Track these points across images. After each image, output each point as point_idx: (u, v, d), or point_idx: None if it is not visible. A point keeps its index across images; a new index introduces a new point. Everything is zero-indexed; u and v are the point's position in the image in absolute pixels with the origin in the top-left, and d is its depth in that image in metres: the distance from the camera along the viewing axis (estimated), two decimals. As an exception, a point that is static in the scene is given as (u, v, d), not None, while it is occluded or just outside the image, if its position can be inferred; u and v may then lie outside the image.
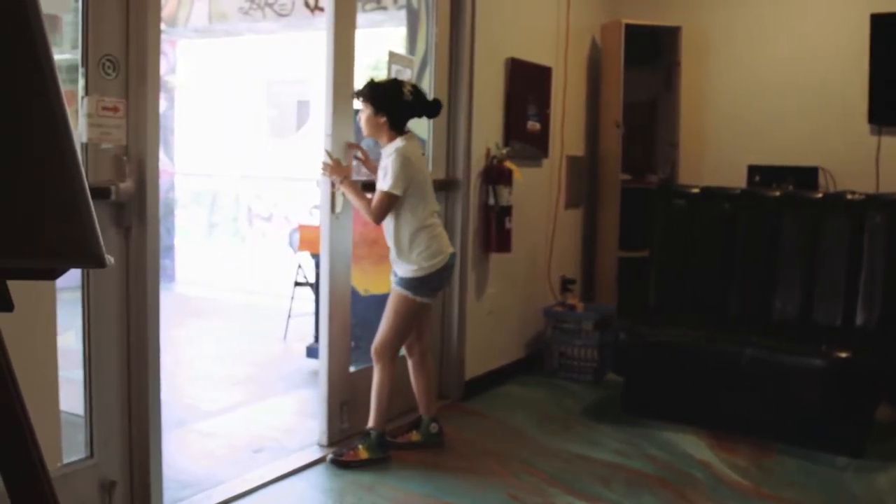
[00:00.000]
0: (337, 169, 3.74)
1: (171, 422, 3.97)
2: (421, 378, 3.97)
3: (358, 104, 3.77)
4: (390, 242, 3.74)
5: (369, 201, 3.67)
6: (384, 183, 3.59)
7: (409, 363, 3.98)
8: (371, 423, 3.78)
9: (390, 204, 3.61)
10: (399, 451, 3.83)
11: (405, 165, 3.57)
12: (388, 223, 3.70)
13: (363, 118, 3.68)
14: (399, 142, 3.64)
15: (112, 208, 2.84)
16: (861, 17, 5.28)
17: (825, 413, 4.01)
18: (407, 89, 3.65)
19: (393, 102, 3.64)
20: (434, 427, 3.97)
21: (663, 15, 5.91)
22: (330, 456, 3.75)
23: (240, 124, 10.94)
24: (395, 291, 3.77)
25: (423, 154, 3.87)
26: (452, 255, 3.82)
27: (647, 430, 4.29)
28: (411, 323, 3.81)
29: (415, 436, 3.97)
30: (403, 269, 3.72)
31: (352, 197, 3.73)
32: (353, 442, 3.83)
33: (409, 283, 3.71)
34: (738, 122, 5.87)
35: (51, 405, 2.63)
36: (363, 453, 3.72)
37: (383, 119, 3.63)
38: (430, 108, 3.79)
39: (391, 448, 3.84)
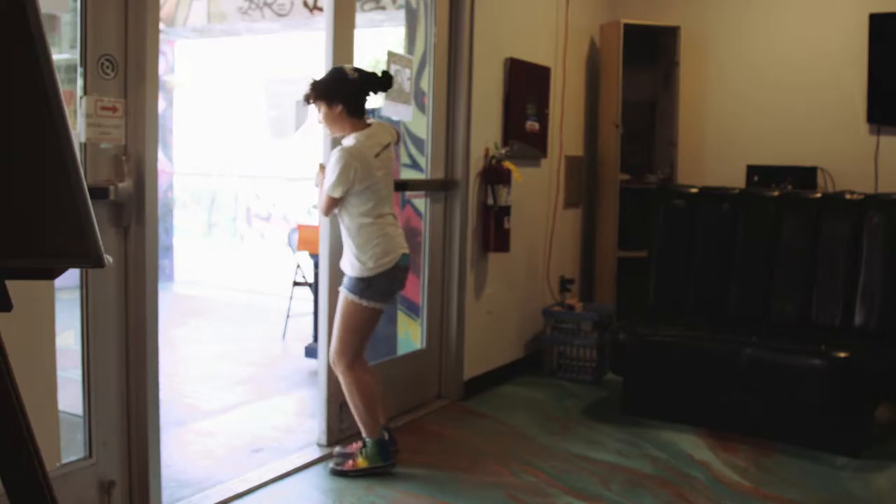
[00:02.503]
0: (317, 176, 3.70)
1: (169, 421, 3.97)
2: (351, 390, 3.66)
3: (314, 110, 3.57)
4: (343, 237, 3.57)
5: None
6: (325, 183, 3.46)
7: (339, 371, 3.70)
8: (363, 433, 3.62)
9: (331, 205, 3.51)
10: (399, 452, 3.82)
11: (346, 168, 3.36)
12: (341, 217, 3.55)
13: (322, 117, 3.50)
14: (351, 139, 3.46)
15: (111, 208, 2.84)
16: (860, 16, 5.28)
17: (824, 413, 4.01)
18: (349, 69, 3.49)
19: (339, 87, 3.45)
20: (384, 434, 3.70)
21: (662, 15, 5.92)
22: (331, 465, 3.67)
23: (238, 124, 10.94)
24: (341, 293, 3.57)
25: (388, 145, 3.56)
26: (405, 256, 3.57)
27: (647, 430, 4.29)
28: (366, 330, 3.58)
29: (361, 462, 3.67)
30: (349, 267, 3.54)
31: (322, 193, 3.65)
32: (353, 450, 3.71)
33: (356, 286, 3.50)
34: (736, 122, 5.87)
35: (49, 405, 2.63)
36: (362, 463, 3.59)
37: (339, 107, 3.44)
38: (380, 82, 3.57)
39: (394, 453, 3.65)
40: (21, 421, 1.20)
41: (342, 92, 3.46)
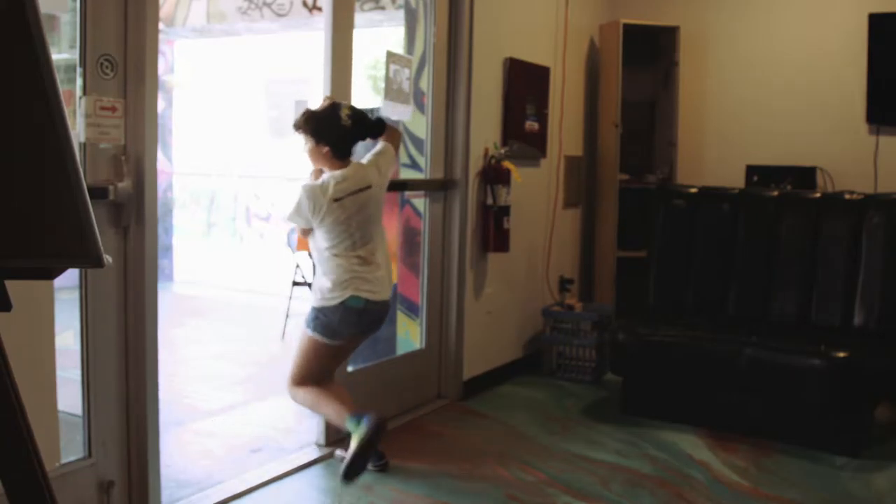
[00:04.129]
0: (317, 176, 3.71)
1: (169, 421, 3.97)
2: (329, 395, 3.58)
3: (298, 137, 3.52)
4: None
5: None
6: (285, 213, 3.48)
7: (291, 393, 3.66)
8: (343, 427, 3.47)
9: (303, 234, 3.55)
10: (398, 452, 3.82)
11: (298, 205, 3.36)
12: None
13: (307, 150, 3.48)
14: (324, 177, 3.43)
15: (110, 208, 2.84)
16: (859, 16, 5.29)
17: (824, 413, 4.02)
18: (345, 114, 3.42)
19: (331, 130, 3.42)
20: (340, 457, 3.66)
21: (661, 15, 5.92)
22: (337, 453, 3.67)
23: (238, 124, 10.92)
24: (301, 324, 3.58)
25: (364, 188, 3.45)
26: (354, 299, 3.41)
27: (646, 430, 4.29)
28: (312, 362, 3.52)
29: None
30: (313, 292, 3.53)
31: None
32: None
33: (309, 315, 3.48)
34: (736, 122, 5.87)
35: (49, 405, 2.63)
36: (356, 442, 3.34)
37: (326, 149, 3.42)
38: (372, 130, 3.55)
39: (377, 427, 3.38)
40: (21, 421, 1.19)
41: (333, 135, 3.43)
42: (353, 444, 3.34)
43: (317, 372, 3.55)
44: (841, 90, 5.43)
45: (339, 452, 3.78)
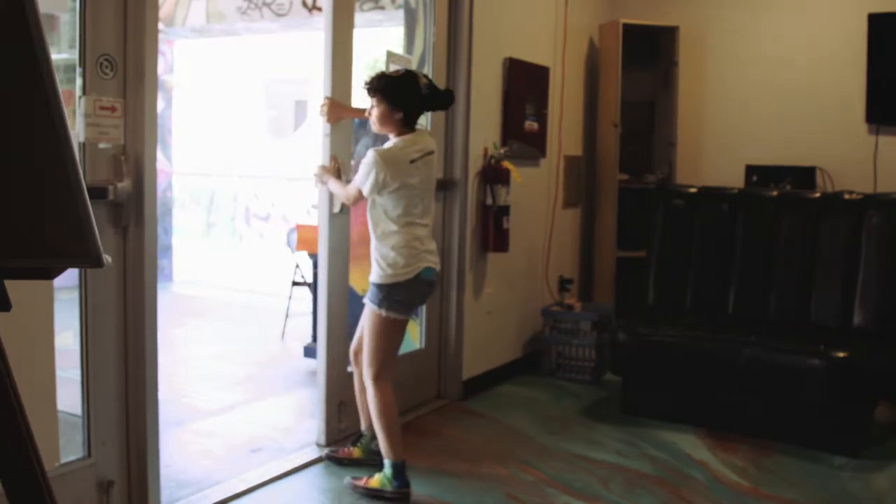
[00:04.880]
0: (324, 173, 3.72)
1: (168, 421, 3.97)
2: (365, 392, 3.58)
3: (363, 97, 3.51)
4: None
5: (346, 186, 3.59)
6: (356, 177, 3.43)
7: (355, 373, 3.69)
8: (384, 456, 3.43)
9: (358, 197, 3.48)
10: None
11: (377, 171, 3.29)
12: (368, 219, 3.49)
13: (376, 114, 3.41)
14: (390, 142, 3.42)
15: (110, 208, 2.83)
16: (859, 16, 5.29)
17: (823, 413, 4.02)
18: (423, 83, 3.41)
19: (410, 97, 3.39)
20: (376, 444, 3.56)
21: (661, 15, 5.92)
22: (347, 480, 3.53)
23: (238, 124, 10.94)
24: (366, 305, 3.47)
25: (430, 153, 3.46)
26: (428, 270, 3.41)
27: (646, 429, 4.29)
28: (389, 341, 3.44)
29: (356, 452, 3.73)
30: (372, 272, 3.44)
31: (335, 187, 3.66)
32: (344, 454, 3.73)
33: (375, 295, 3.39)
34: (735, 122, 5.87)
35: (48, 405, 2.63)
36: (374, 483, 3.42)
37: (399, 115, 3.37)
38: (445, 100, 3.55)
39: (406, 482, 3.41)
40: (20, 421, 1.19)
41: (409, 101, 3.40)
42: (378, 483, 3.40)
43: (394, 352, 3.50)
44: (840, 90, 5.43)
45: (328, 451, 3.80)
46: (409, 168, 3.36)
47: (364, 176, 3.36)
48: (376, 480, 3.41)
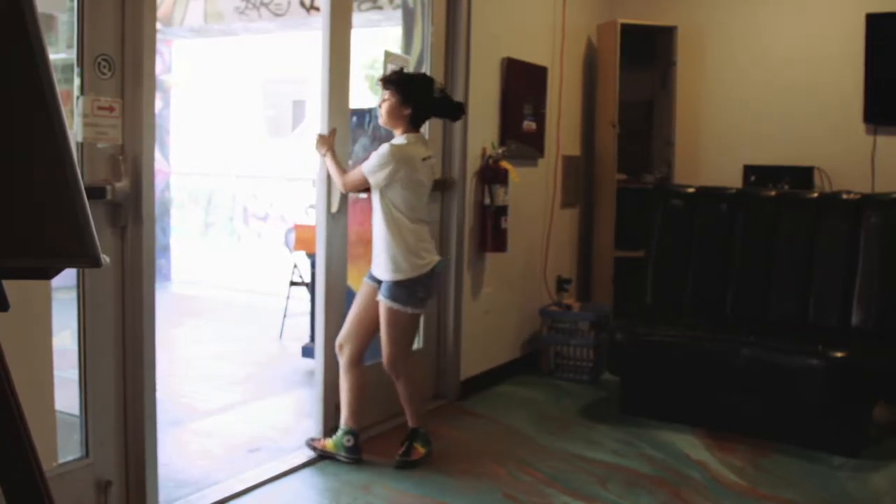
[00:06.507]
0: (323, 141, 3.74)
1: (167, 421, 3.97)
2: (345, 382, 3.72)
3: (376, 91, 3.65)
4: (375, 239, 3.61)
5: (346, 172, 3.69)
6: (366, 164, 3.52)
7: (340, 361, 3.74)
8: (410, 422, 3.79)
9: (360, 185, 3.57)
10: (396, 451, 3.81)
11: (395, 165, 3.44)
12: (377, 216, 3.58)
13: (386, 106, 3.56)
14: (401, 139, 3.55)
15: (108, 208, 2.83)
16: (857, 16, 5.29)
17: (822, 413, 4.02)
18: (437, 87, 3.61)
19: (422, 97, 3.57)
20: (349, 440, 3.69)
21: (659, 15, 5.92)
22: (397, 460, 3.72)
23: (236, 124, 10.93)
24: (382, 304, 3.59)
25: (427, 159, 3.63)
26: (440, 263, 3.69)
27: (644, 429, 4.29)
28: (410, 336, 3.75)
29: (329, 444, 3.76)
30: (386, 270, 3.55)
31: (331, 164, 3.71)
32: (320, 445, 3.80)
33: (398, 293, 3.54)
34: (734, 122, 5.87)
35: (47, 405, 2.63)
36: (422, 449, 3.74)
37: (408, 111, 3.54)
38: (454, 111, 3.74)
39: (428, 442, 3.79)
40: (18, 421, 1.19)
41: (420, 100, 3.57)
42: (423, 449, 3.74)
43: (412, 343, 3.77)
44: (839, 90, 5.43)
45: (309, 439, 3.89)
46: (421, 166, 3.56)
47: (377, 167, 3.48)
48: (420, 448, 3.73)
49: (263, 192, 9.81)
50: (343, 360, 3.71)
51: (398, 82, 3.57)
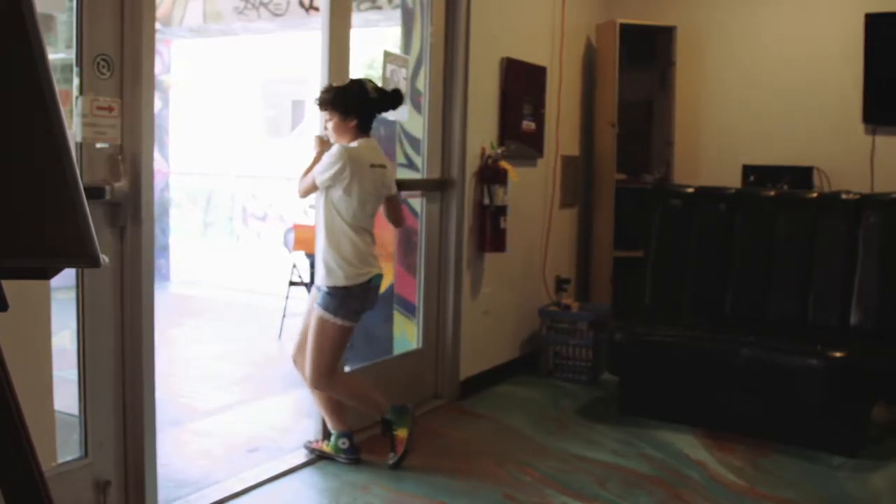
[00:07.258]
0: (319, 143, 3.70)
1: (166, 421, 3.97)
2: (313, 395, 3.73)
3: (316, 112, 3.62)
4: (316, 243, 3.58)
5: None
6: (316, 169, 3.49)
7: (301, 375, 3.74)
8: (382, 415, 3.71)
9: (311, 189, 3.54)
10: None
11: (342, 165, 3.39)
12: (318, 218, 3.56)
13: (332, 126, 3.53)
14: (353, 143, 3.50)
15: (107, 208, 2.83)
16: (856, 16, 5.29)
17: (821, 413, 4.02)
18: (370, 87, 3.52)
19: (361, 104, 3.51)
20: (344, 443, 3.72)
21: (658, 15, 5.92)
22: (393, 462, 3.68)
23: (235, 124, 10.92)
24: (314, 311, 3.54)
25: (377, 167, 3.55)
26: (378, 277, 3.57)
27: (643, 429, 4.29)
28: (342, 351, 3.60)
29: (326, 448, 3.78)
30: (322, 275, 3.50)
31: (310, 168, 3.67)
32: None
33: (330, 302, 3.47)
34: (733, 122, 5.87)
35: (46, 405, 2.63)
36: (402, 433, 3.67)
37: (353, 122, 3.50)
38: (394, 100, 3.63)
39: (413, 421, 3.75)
40: (18, 421, 1.19)
41: (361, 108, 3.52)
42: (403, 432, 3.66)
43: (339, 360, 3.63)
44: (838, 90, 5.43)
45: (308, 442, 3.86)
46: (368, 171, 3.50)
47: (325, 166, 3.45)
48: (402, 431, 3.67)
49: (263, 192, 9.80)
50: (302, 374, 3.68)
51: (334, 101, 3.51)
